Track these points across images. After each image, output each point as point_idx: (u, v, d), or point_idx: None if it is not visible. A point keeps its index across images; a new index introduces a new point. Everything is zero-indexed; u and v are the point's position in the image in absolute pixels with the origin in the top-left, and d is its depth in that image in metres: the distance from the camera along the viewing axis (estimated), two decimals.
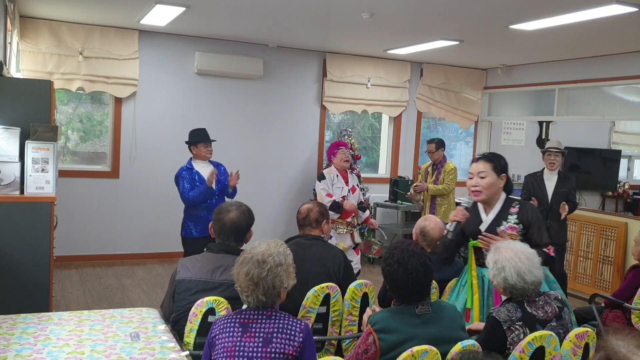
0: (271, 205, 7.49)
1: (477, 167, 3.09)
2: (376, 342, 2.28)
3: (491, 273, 2.59)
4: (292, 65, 7.55)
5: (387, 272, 2.42)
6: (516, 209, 3.07)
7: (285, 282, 2.22)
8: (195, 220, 4.81)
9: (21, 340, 2.41)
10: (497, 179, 3.06)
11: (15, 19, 5.38)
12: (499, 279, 2.54)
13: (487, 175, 3.05)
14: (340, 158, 5.44)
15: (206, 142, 4.91)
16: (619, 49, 6.34)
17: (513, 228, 3.03)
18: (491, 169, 3.06)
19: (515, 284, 2.49)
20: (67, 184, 6.35)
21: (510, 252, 2.54)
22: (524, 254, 2.53)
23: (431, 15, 5.18)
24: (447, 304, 2.54)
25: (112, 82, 6.59)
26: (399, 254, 2.40)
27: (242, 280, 2.20)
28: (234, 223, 2.93)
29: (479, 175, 3.07)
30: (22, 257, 3.57)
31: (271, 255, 2.21)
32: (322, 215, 3.42)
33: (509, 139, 8.71)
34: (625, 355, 1.63)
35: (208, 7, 5.34)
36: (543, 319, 2.50)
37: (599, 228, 6.30)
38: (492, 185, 3.05)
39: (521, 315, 2.47)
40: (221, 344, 2.15)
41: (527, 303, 2.52)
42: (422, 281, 2.36)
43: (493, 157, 3.12)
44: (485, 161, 3.09)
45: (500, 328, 2.44)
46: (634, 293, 3.88)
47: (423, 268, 2.36)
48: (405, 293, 2.37)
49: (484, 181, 3.05)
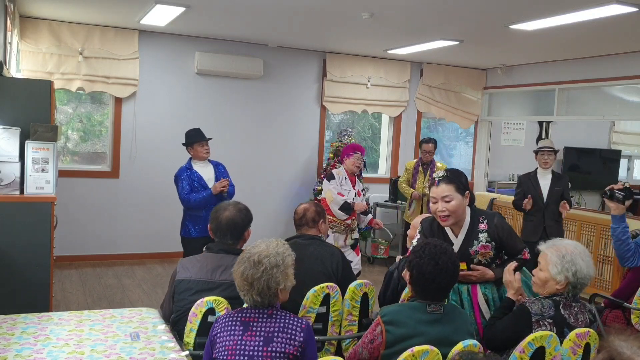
0: (271, 205, 7.49)
1: (441, 191, 2.88)
2: (383, 334, 2.32)
3: (557, 268, 2.56)
4: (292, 65, 7.55)
5: (415, 264, 2.42)
6: (485, 225, 2.93)
7: (281, 284, 2.19)
8: (195, 220, 4.80)
9: (21, 340, 2.41)
10: (462, 199, 2.88)
11: (15, 19, 5.38)
12: (568, 274, 2.55)
13: (452, 199, 2.86)
14: (353, 162, 5.42)
15: (202, 142, 4.89)
16: (619, 49, 6.33)
17: (486, 247, 2.92)
18: (455, 190, 2.87)
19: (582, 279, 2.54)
20: (67, 184, 6.35)
21: (571, 246, 2.59)
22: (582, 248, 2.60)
23: (431, 15, 5.18)
24: (461, 310, 2.56)
25: (112, 82, 6.59)
26: (431, 249, 2.43)
27: (238, 279, 2.21)
28: (229, 220, 2.93)
29: (443, 200, 2.87)
30: (22, 257, 3.57)
31: (268, 256, 2.19)
32: (319, 215, 3.43)
33: (508, 139, 8.71)
34: (630, 357, 1.63)
35: (208, 7, 5.34)
36: (573, 325, 2.52)
37: (599, 228, 6.30)
38: (459, 207, 2.87)
39: (553, 314, 2.50)
40: (222, 342, 2.15)
41: (562, 305, 2.54)
42: (450, 279, 2.40)
43: (454, 178, 2.92)
44: (447, 183, 2.89)
45: (528, 318, 2.49)
46: (634, 292, 3.88)
47: (452, 266, 2.41)
48: (427, 288, 2.39)
49: (450, 205, 2.86)
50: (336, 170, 5.49)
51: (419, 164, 6.56)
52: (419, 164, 6.56)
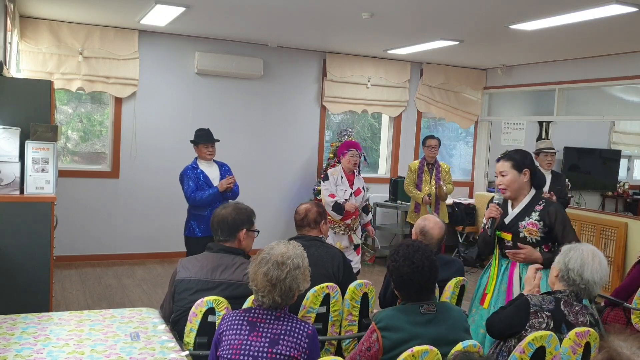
0: (271, 205, 7.49)
1: (499, 167, 3.30)
2: (379, 340, 2.30)
3: (559, 256, 2.65)
4: (292, 65, 7.55)
5: (392, 268, 2.42)
6: (541, 207, 3.19)
7: (301, 286, 2.22)
8: (199, 219, 4.79)
9: (21, 340, 2.41)
10: (518, 175, 3.21)
11: (15, 19, 5.38)
12: (562, 260, 2.60)
13: (507, 174, 3.23)
14: (348, 160, 5.37)
15: (206, 143, 4.90)
16: (619, 49, 6.34)
17: (534, 224, 3.16)
18: (510, 166, 3.23)
19: (572, 271, 2.55)
20: (67, 184, 6.35)
21: (589, 248, 2.61)
22: (599, 258, 2.58)
23: (431, 15, 5.18)
24: (452, 305, 2.56)
25: (112, 82, 6.59)
26: (404, 249, 2.43)
27: (259, 280, 2.18)
28: (220, 218, 2.93)
29: (501, 174, 3.26)
30: (22, 257, 3.57)
31: (290, 257, 2.20)
32: (321, 216, 3.43)
33: (508, 139, 8.71)
34: (629, 357, 1.63)
35: (208, 7, 5.34)
36: (572, 323, 2.52)
37: (599, 228, 6.30)
38: (514, 182, 3.22)
39: (552, 309, 2.52)
40: (227, 341, 2.15)
41: (563, 302, 2.55)
42: (428, 275, 2.37)
43: (513, 155, 3.28)
44: (505, 160, 3.27)
45: (527, 308, 2.51)
46: (634, 292, 3.88)
47: (428, 262, 2.38)
48: (410, 289, 2.38)
49: (505, 179, 3.23)
50: (331, 170, 5.46)
51: (423, 164, 6.41)
52: (423, 163, 6.41)
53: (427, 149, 6.40)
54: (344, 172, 5.39)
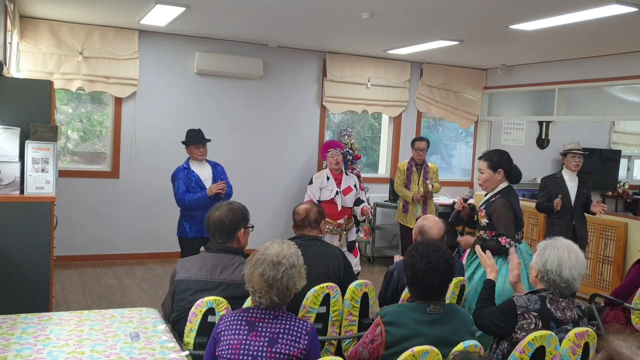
0: (271, 206, 7.49)
1: (478, 165, 3.83)
2: (382, 334, 2.33)
3: (535, 255, 2.69)
4: (292, 65, 7.55)
5: (409, 263, 2.45)
6: (493, 199, 3.69)
7: (297, 284, 2.23)
8: (191, 220, 4.79)
9: (21, 340, 2.41)
10: (492, 174, 3.72)
11: (15, 19, 5.38)
12: (539, 260, 2.61)
13: (484, 172, 3.75)
14: (330, 161, 5.47)
15: (197, 144, 4.88)
16: (619, 49, 6.33)
17: (482, 211, 3.74)
18: (487, 166, 3.74)
19: (551, 272, 2.56)
20: (67, 184, 6.35)
21: (564, 244, 2.62)
22: (575, 253, 2.60)
23: (431, 15, 5.18)
24: (461, 308, 2.57)
25: (112, 82, 6.59)
26: (423, 247, 2.45)
27: (256, 281, 2.18)
28: (216, 220, 2.92)
29: (480, 172, 3.79)
30: (22, 257, 3.57)
31: (285, 256, 2.20)
32: (321, 215, 3.45)
33: (508, 139, 8.72)
34: (629, 356, 1.63)
35: (208, 7, 5.34)
36: (560, 319, 2.54)
37: (599, 228, 6.30)
38: (488, 180, 3.75)
39: (539, 308, 2.54)
40: (226, 341, 2.15)
41: (549, 300, 2.57)
42: (442, 277, 2.40)
43: (490, 156, 3.77)
44: (483, 160, 3.78)
45: (513, 309, 2.54)
46: (634, 291, 3.88)
47: (445, 264, 2.41)
48: (422, 287, 2.40)
49: (482, 177, 3.78)
50: (316, 174, 5.56)
51: (411, 164, 6.47)
52: (411, 164, 6.47)
53: (416, 152, 6.45)
54: (331, 172, 5.44)
